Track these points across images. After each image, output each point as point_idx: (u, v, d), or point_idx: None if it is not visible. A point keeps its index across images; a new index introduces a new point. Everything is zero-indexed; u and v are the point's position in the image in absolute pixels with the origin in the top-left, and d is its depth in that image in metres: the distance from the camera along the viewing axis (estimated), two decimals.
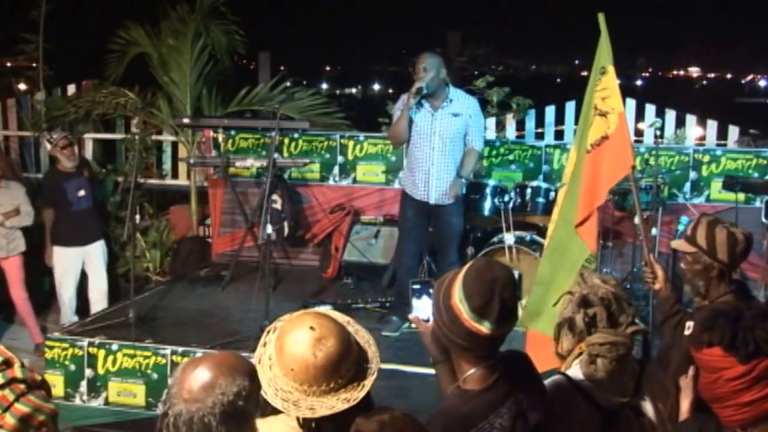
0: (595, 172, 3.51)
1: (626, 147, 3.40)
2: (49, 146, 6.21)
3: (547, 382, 2.19)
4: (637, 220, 5.41)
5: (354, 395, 1.81)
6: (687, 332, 2.91)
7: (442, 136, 5.02)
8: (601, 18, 3.60)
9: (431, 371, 4.18)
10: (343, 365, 1.80)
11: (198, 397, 1.58)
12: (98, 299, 6.21)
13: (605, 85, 3.52)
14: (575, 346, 2.19)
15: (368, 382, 1.85)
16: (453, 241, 5.23)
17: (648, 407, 2.21)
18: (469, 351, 1.94)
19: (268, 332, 1.90)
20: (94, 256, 6.22)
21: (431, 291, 2.14)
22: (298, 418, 1.85)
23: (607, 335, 2.11)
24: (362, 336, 1.94)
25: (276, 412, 1.83)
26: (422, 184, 5.09)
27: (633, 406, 2.19)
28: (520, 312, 3.01)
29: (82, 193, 6.11)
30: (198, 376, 1.61)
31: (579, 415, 2.14)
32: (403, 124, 5.03)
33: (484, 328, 1.88)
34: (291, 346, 1.79)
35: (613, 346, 2.10)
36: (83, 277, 6.30)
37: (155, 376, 4.75)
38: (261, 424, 1.79)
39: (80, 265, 6.21)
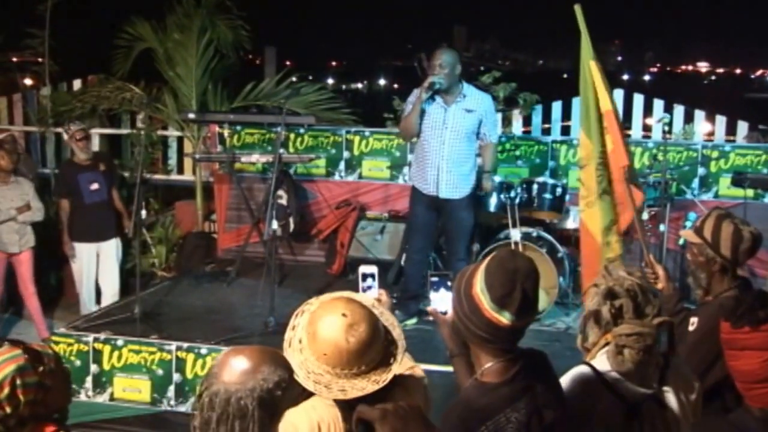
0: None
1: (618, 143, 3.38)
2: (66, 136, 6.25)
3: (572, 372, 2.19)
4: (646, 215, 5.40)
5: (383, 377, 1.90)
6: (691, 328, 2.89)
7: (454, 131, 5.00)
8: (578, 9, 3.55)
9: (438, 368, 4.21)
10: (373, 349, 1.88)
11: (239, 379, 1.64)
12: (111, 298, 6.20)
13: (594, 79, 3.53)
14: (601, 338, 2.19)
15: (395, 364, 1.93)
16: (462, 236, 5.19)
17: (672, 399, 2.20)
18: (489, 343, 1.92)
19: (297, 315, 1.99)
20: (107, 254, 6.22)
21: (449, 284, 2.13)
22: (344, 415, 1.89)
23: (634, 326, 2.11)
24: (387, 318, 2.03)
25: (309, 395, 1.89)
26: (432, 178, 5.06)
27: (657, 398, 2.18)
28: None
29: (95, 186, 6.11)
30: (242, 361, 1.67)
31: (602, 406, 2.12)
32: (415, 118, 5.02)
33: (504, 318, 1.86)
34: (324, 332, 1.87)
35: (640, 337, 2.09)
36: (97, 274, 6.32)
37: (160, 371, 4.73)
38: (299, 409, 1.84)
39: (95, 260, 6.22)
